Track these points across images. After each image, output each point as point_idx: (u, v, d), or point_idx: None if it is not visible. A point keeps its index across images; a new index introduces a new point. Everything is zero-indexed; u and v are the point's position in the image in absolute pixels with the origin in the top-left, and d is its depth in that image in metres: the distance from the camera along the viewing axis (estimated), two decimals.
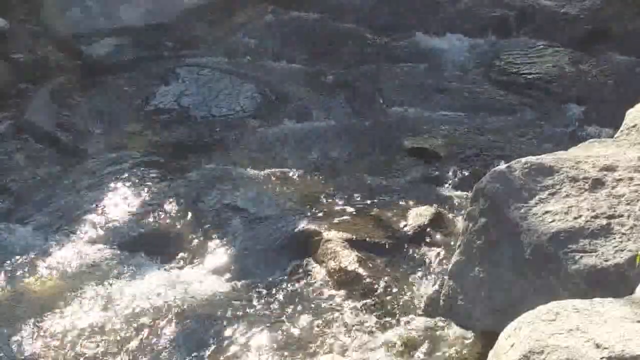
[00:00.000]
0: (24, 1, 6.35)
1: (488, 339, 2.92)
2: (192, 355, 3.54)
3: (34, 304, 3.85)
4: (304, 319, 3.68)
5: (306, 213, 4.36)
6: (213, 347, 3.57)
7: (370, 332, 3.56)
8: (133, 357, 3.54)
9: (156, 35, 6.24)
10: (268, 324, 3.66)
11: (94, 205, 4.54)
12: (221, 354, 3.53)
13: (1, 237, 4.30)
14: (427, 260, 3.99)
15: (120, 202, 4.55)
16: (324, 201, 4.49)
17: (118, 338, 3.63)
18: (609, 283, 2.84)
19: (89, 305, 3.81)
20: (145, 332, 3.66)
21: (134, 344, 3.59)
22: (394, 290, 3.79)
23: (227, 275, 4.02)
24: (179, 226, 4.37)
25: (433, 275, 3.87)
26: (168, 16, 6.40)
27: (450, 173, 4.73)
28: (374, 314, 3.68)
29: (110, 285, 3.95)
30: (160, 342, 3.60)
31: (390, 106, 5.51)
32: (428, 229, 4.18)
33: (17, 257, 4.14)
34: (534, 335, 2.35)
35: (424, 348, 3.45)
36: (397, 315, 3.65)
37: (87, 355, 3.55)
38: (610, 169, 3.18)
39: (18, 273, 4.04)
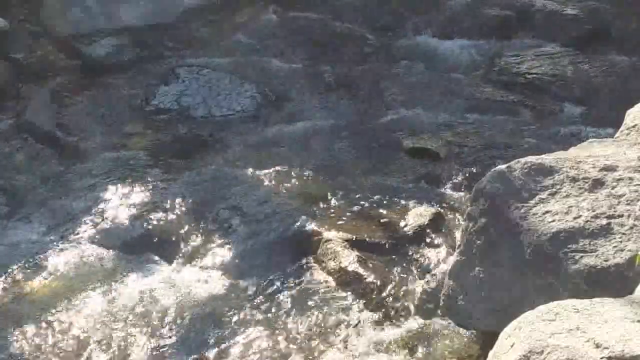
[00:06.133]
0: (24, 1, 6.35)
1: (488, 339, 2.92)
2: (193, 355, 3.54)
3: (34, 304, 3.85)
4: (304, 319, 3.68)
5: (306, 213, 4.36)
6: (213, 347, 3.57)
7: (370, 332, 3.56)
8: (133, 357, 3.54)
9: (156, 35, 6.24)
10: (268, 324, 3.66)
11: (94, 205, 4.53)
12: (221, 354, 3.53)
13: (1, 237, 4.30)
14: (427, 260, 3.99)
15: (120, 202, 4.55)
16: (324, 201, 4.49)
17: (118, 338, 3.63)
18: (609, 283, 2.84)
19: (88, 305, 3.81)
20: (146, 332, 3.66)
21: (134, 344, 3.59)
22: (394, 290, 3.79)
23: (227, 275, 4.01)
24: (178, 226, 4.37)
25: (433, 275, 3.87)
26: (168, 16, 6.40)
27: (450, 173, 4.72)
28: (374, 314, 3.68)
29: (110, 285, 3.95)
30: (161, 342, 3.60)
31: (391, 106, 5.51)
32: (428, 229, 4.18)
33: (17, 257, 4.14)
34: (534, 335, 2.34)
35: (423, 348, 3.45)
36: (397, 315, 3.66)
37: (87, 355, 3.55)
38: (610, 169, 3.18)
39: (18, 273, 4.05)
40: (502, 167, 3.26)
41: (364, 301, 3.75)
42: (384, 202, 4.46)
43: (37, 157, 5.00)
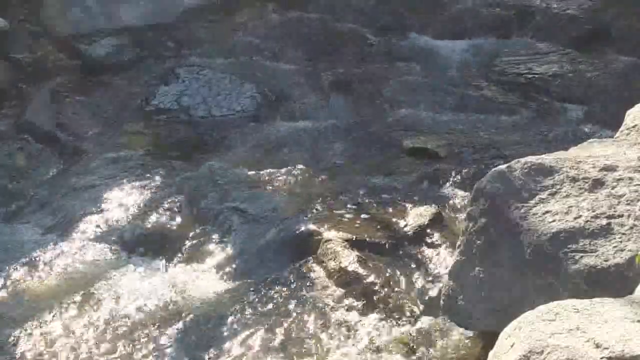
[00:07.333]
0: (24, 1, 6.35)
1: (488, 339, 2.92)
2: (192, 355, 3.54)
3: (34, 304, 3.85)
4: (304, 319, 3.68)
5: (306, 213, 4.36)
6: (213, 347, 3.57)
7: (370, 332, 3.56)
8: (133, 357, 3.54)
9: (156, 35, 6.24)
10: (268, 324, 3.66)
11: (94, 205, 4.54)
12: (221, 354, 3.53)
13: (1, 237, 4.31)
14: (427, 260, 3.99)
15: (120, 202, 4.55)
16: (324, 201, 4.48)
17: (118, 338, 3.63)
18: (609, 283, 2.84)
19: (89, 306, 3.81)
20: (145, 332, 3.66)
21: (133, 344, 3.59)
22: (394, 290, 3.79)
23: (227, 275, 4.02)
24: (178, 226, 4.37)
25: (433, 275, 3.87)
26: (168, 16, 6.41)
27: (450, 173, 4.72)
28: (374, 314, 3.68)
29: (110, 285, 3.94)
30: (160, 342, 3.60)
31: (390, 106, 5.51)
32: (428, 229, 4.17)
33: (17, 257, 4.14)
34: (534, 335, 2.35)
35: (423, 348, 3.45)
36: (397, 315, 3.65)
37: (86, 355, 3.55)
38: (610, 169, 3.18)
39: (18, 273, 4.05)
40: (502, 167, 3.26)
41: (364, 301, 3.75)
42: (384, 202, 4.46)
43: (37, 157, 5.01)
